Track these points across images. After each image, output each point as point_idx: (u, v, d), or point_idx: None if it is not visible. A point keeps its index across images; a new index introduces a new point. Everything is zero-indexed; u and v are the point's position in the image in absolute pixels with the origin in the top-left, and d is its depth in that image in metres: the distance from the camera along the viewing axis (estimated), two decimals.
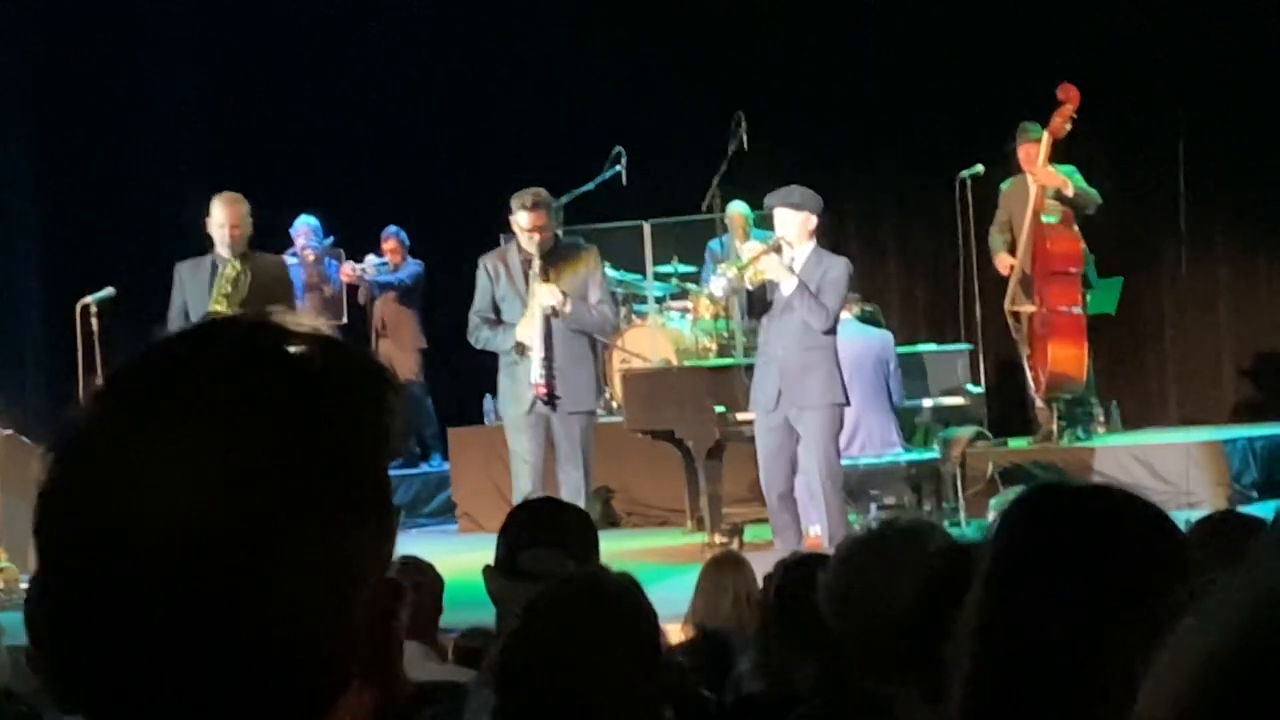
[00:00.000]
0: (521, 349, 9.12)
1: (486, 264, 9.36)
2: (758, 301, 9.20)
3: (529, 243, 9.12)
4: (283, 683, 1.07)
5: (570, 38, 14.43)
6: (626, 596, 2.88)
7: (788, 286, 9.03)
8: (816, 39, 14.12)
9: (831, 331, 9.15)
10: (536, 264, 9.10)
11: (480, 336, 9.38)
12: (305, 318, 1.14)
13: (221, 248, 9.38)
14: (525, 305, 9.17)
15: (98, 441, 1.08)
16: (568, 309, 9.07)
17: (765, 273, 9.08)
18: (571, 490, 8.97)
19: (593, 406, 9.46)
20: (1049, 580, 1.83)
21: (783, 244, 9.13)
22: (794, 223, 9.13)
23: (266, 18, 14.20)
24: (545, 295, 9.06)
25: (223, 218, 9.36)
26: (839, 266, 9.24)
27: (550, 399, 9.08)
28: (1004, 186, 11.70)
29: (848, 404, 9.22)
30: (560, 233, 9.84)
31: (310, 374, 1.10)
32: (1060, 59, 12.77)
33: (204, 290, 9.31)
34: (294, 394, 1.09)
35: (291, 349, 1.11)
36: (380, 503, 1.12)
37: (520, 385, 9.19)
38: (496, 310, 9.28)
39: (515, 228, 9.21)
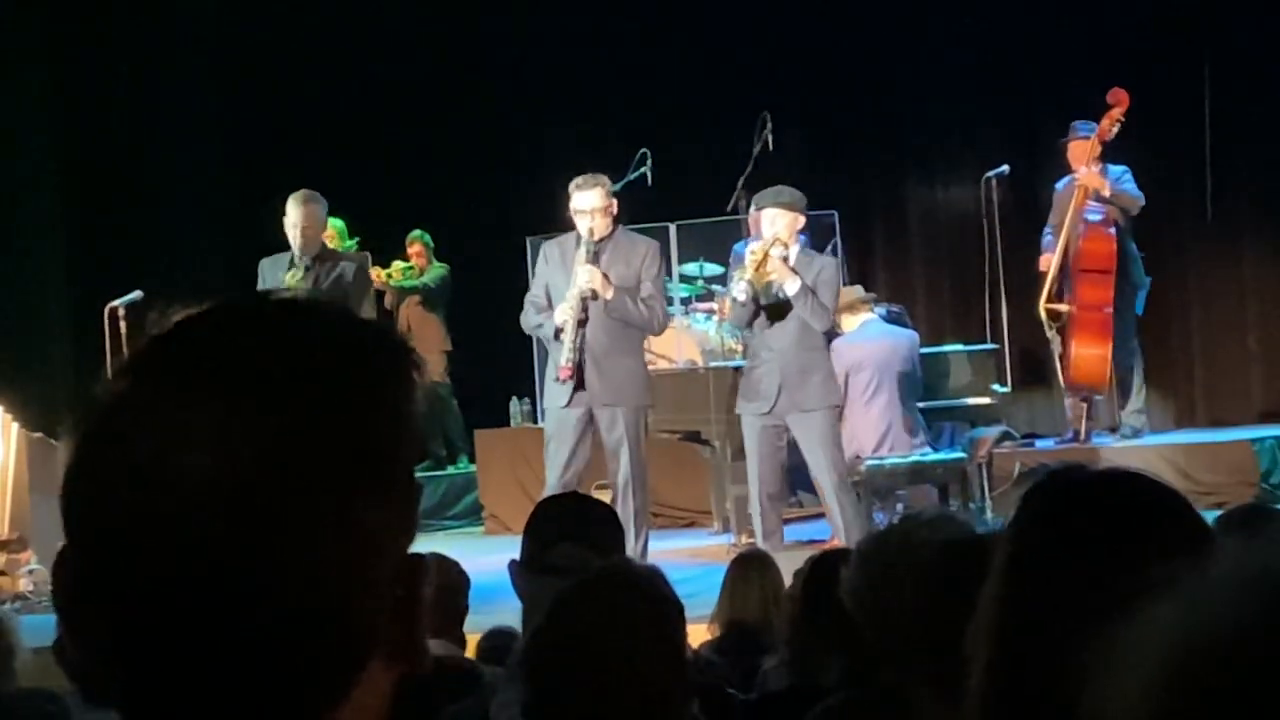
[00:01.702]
0: (558, 333, 8.79)
1: (546, 249, 9.10)
2: (754, 303, 9.15)
3: (581, 225, 8.82)
4: (307, 655, 1.07)
5: (595, 39, 14.43)
6: (652, 589, 2.88)
7: (791, 287, 9.03)
8: (842, 39, 14.11)
9: (826, 332, 9.20)
10: (584, 247, 8.76)
11: (528, 321, 9.07)
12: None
13: (294, 247, 9.21)
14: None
15: (122, 416, 1.09)
16: (609, 294, 8.71)
17: (772, 274, 9.07)
18: (619, 487, 8.76)
19: (637, 402, 8.91)
20: (1066, 566, 1.80)
21: (779, 244, 9.11)
22: (785, 222, 9.14)
23: (287, 20, 14.22)
24: (584, 276, 8.70)
25: (295, 217, 9.20)
26: (831, 266, 9.33)
27: (576, 382, 8.71)
28: (1059, 186, 11.68)
29: (840, 403, 9.31)
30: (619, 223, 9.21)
31: (336, 350, 1.11)
32: (1085, 56, 12.76)
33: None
34: (319, 369, 1.10)
35: (317, 325, 1.12)
36: (403, 478, 1.13)
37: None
38: (550, 298, 8.94)
39: (572, 213, 8.92)
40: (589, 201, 8.81)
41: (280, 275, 9.19)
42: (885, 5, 14.04)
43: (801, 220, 9.22)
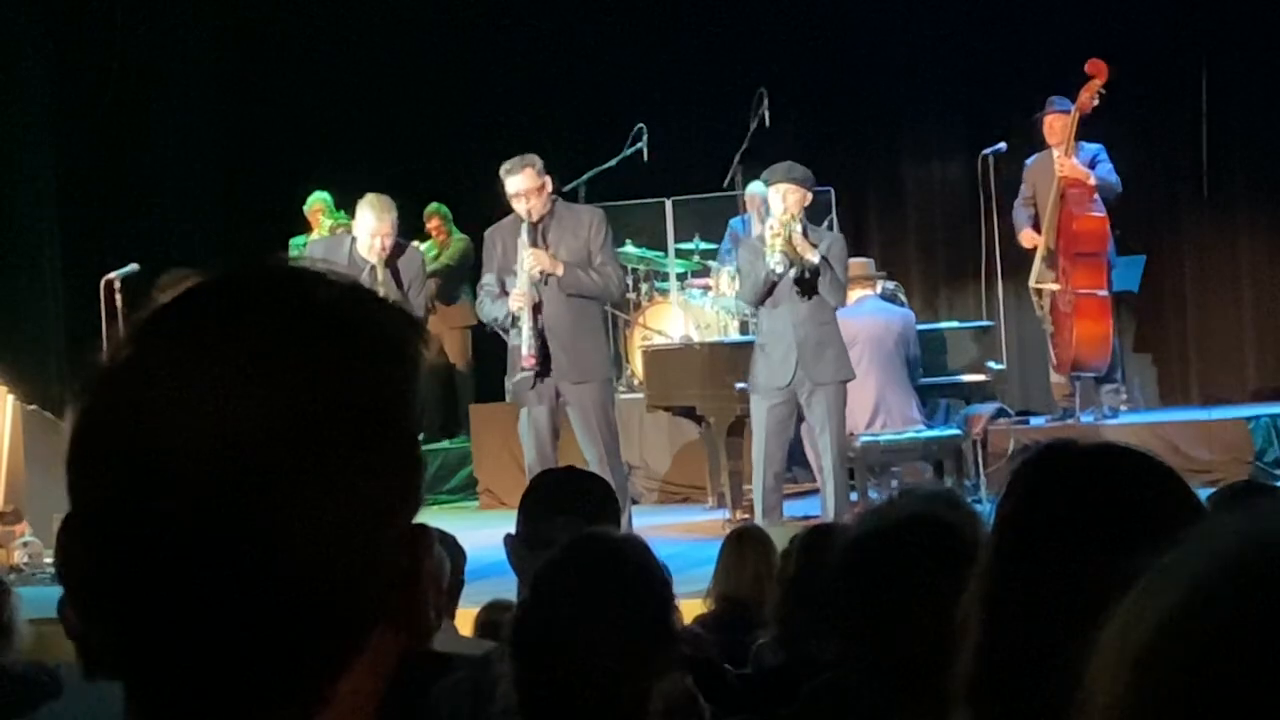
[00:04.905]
0: (513, 320, 8.83)
1: (494, 237, 9.11)
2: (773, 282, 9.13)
3: (519, 208, 8.81)
4: (308, 624, 1.08)
5: (592, 14, 14.41)
6: (633, 557, 2.87)
7: (812, 260, 9.03)
8: (838, 15, 14.09)
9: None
10: (524, 231, 8.77)
11: (484, 310, 9.13)
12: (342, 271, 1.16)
13: (365, 252, 8.81)
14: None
15: (128, 380, 1.09)
16: (559, 271, 8.75)
17: (798, 248, 9.07)
18: (593, 464, 8.76)
19: (604, 376, 9.07)
20: (1057, 542, 1.80)
21: (794, 220, 9.11)
22: (795, 198, 9.14)
23: None
24: (529, 261, 8.73)
25: (374, 226, 8.77)
26: (839, 242, 9.35)
27: (541, 370, 8.78)
28: (1029, 162, 11.64)
29: (853, 377, 9.26)
30: (558, 197, 9.21)
31: (340, 318, 1.12)
32: (1082, 33, 12.74)
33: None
34: (324, 336, 1.10)
35: (323, 294, 1.13)
36: (407, 449, 1.13)
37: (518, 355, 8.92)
38: (504, 284, 8.97)
39: (509, 198, 8.90)
40: (519, 184, 8.77)
41: (341, 260, 8.44)
42: None
43: (810, 197, 9.23)
